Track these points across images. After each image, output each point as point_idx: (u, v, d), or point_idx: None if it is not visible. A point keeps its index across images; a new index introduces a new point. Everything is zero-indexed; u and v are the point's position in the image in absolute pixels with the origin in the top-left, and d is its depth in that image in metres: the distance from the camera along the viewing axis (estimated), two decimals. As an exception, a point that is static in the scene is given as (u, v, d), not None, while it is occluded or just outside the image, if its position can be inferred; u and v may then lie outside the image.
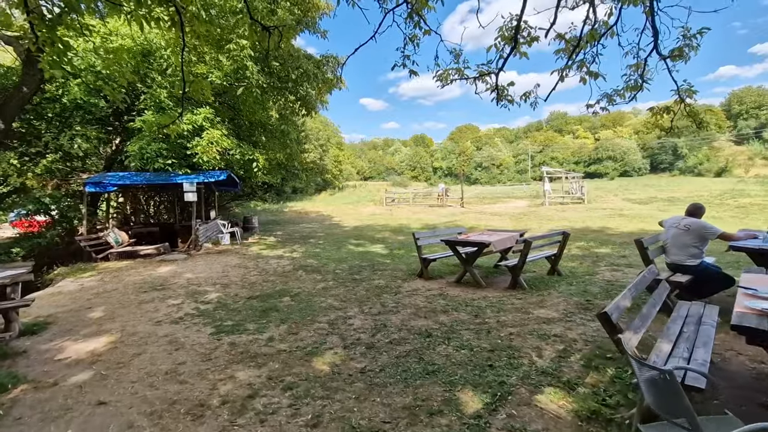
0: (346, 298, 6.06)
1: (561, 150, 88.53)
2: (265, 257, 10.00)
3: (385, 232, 14.76)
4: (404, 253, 10.24)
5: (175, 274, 8.11)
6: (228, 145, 10.60)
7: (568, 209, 21.42)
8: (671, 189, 35.68)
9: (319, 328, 4.78)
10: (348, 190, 53.18)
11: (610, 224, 13.97)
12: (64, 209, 10.51)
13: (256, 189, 17.96)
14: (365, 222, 18.97)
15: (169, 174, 11.00)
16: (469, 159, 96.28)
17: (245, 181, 13.90)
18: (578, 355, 3.60)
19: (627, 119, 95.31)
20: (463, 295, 6.10)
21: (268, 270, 8.38)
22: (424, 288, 6.61)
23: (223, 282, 7.30)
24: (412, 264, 8.65)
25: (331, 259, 9.54)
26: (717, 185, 36.24)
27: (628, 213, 17.72)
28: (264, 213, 23.94)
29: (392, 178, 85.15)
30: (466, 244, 6.71)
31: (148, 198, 16.90)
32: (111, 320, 5.15)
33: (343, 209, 27.47)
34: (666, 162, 78.44)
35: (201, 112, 10.30)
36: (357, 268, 8.28)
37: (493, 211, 23.13)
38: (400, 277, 7.40)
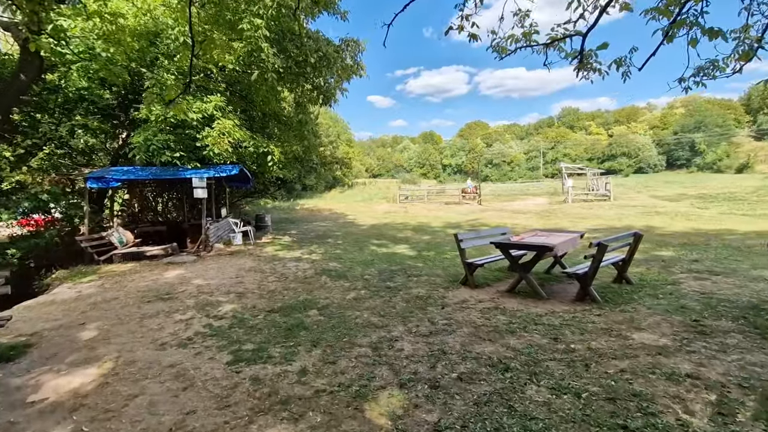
0: (384, 312, 5.08)
1: (573, 146, 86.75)
2: (282, 259, 9.07)
3: (406, 231, 13.78)
4: (434, 255, 9.25)
5: (183, 280, 7.21)
6: (241, 136, 9.68)
7: (594, 206, 20.25)
8: (696, 185, 34.21)
9: (360, 355, 3.82)
10: (358, 187, 52.20)
11: (653, 223, 12.84)
12: (64, 207, 9.68)
13: (269, 185, 17.05)
14: (382, 220, 18.01)
15: (177, 168, 10.11)
16: (479, 156, 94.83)
17: (258, 176, 13.03)
18: (746, 411, 2.58)
19: (641, 114, 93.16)
20: (524, 308, 5.09)
21: (287, 275, 7.44)
22: (474, 299, 5.62)
23: (238, 290, 6.37)
24: (449, 268, 7.66)
25: (356, 261, 8.58)
26: (745, 182, 34.67)
27: (664, 210, 16.52)
28: (275, 211, 23.07)
29: (401, 175, 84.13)
30: (522, 247, 5.70)
31: (156, 195, 16.10)
32: (105, 342, 4.23)
33: (355, 207, 26.54)
34: (683, 158, 76.36)
35: (212, 99, 9.38)
36: (388, 273, 7.31)
37: (513, 208, 22.04)
38: (441, 285, 6.42)
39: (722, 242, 9.01)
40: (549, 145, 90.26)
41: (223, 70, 11.13)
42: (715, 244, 8.80)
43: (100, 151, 13.79)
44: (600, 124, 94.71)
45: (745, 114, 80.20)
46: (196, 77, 9.99)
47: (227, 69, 10.73)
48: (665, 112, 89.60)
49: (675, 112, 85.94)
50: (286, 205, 26.06)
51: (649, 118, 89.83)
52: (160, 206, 16.57)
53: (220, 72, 11.07)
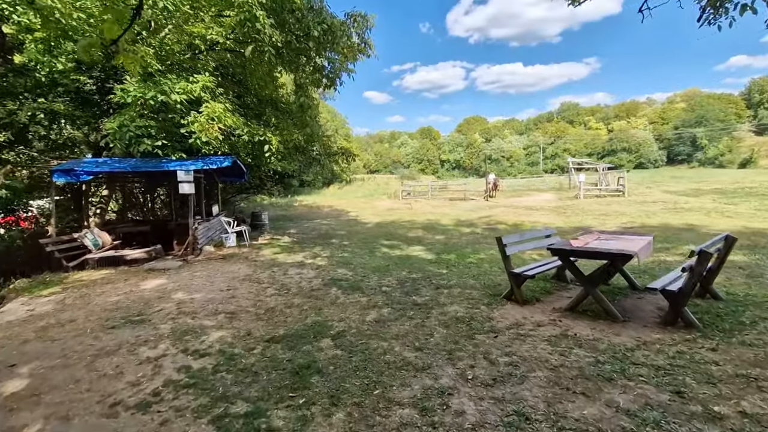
0: (421, 344, 3.86)
1: (573, 141, 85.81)
2: (282, 265, 7.82)
3: (416, 230, 12.55)
4: (456, 259, 8.03)
5: (163, 293, 5.94)
6: (233, 122, 8.38)
7: (612, 202, 19.10)
8: (706, 180, 33.19)
9: (405, 422, 2.60)
10: (357, 183, 51.08)
11: (690, 220, 11.68)
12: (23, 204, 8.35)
13: (266, 180, 15.73)
14: (387, 218, 16.77)
15: (160, 160, 8.81)
16: (478, 151, 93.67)
17: (253, 170, 11.73)
18: None
19: (641, 109, 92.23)
20: (603, 337, 3.89)
21: (289, 286, 6.19)
22: (529, 321, 4.40)
23: (229, 308, 5.11)
24: (481, 277, 6.45)
25: (369, 267, 7.34)
26: (757, 176, 33.72)
27: (689, 206, 15.37)
28: (273, 208, 21.75)
29: (400, 171, 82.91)
30: (591, 255, 4.48)
31: (146, 191, 14.77)
32: (33, 399, 2.97)
33: (356, 203, 25.29)
34: (684, 153, 75.65)
35: (199, 79, 8.06)
36: (410, 284, 6.08)
37: (524, 204, 20.85)
38: (480, 300, 5.20)
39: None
40: (548, 140, 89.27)
41: (213, 49, 9.81)
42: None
43: (82, 144, 12.42)
44: (600, 119, 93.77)
45: (745, 108, 79.46)
46: (180, 54, 8.67)
47: (218, 46, 9.40)
48: (665, 107, 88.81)
49: (675, 107, 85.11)
50: (284, 202, 24.75)
51: (649, 113, 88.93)
52: (152, 204, 15.31)
53: (209, 51, 9.74)
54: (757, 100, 78.21)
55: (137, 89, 7.58)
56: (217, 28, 8.15)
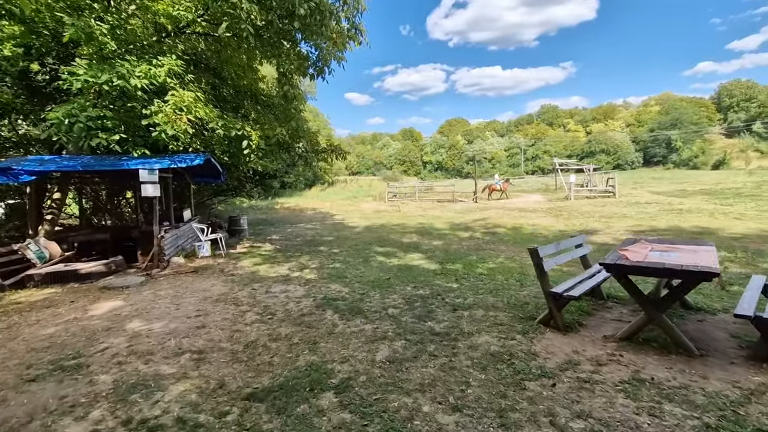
0: (457, 399, 2.86)
1: (553, 143, 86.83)
2: (265, 280, 6.70)
3: (410, 235, 11.58)
4: (464, 269, 7.10)
5: (114, 322, 4.76)
6: (205, 114, 7.21)
7: (606, 203, 18.62)
8: (687, 181, 33.56)
9: None
10: (339, 185, 49.97)
11: (700, 222, 11.11)
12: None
13: (245, 181, 14.44)
14: (375, 221, 15.75)
15: (120, 157, 7.56)
16: (460, 152, 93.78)
17: (231, 169, 10.52)
18: None
19: (618, 112, 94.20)
20: (689, 381, 3.00)
21: (273, 309, 5.10)
22: (582, 356, 3.48)
23: (197, 344, 4.00)
24: (500, 292, 5.52)
25: (367, 281, 6.31)
26: (733, 177, 34.34)
27: (687, 207, 14.94)
28: (252, 211, 20.40)
29: (383, 172, 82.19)
30: (658, 271, 3.58)
31: (111, 193, 13.28)
32: None
33: (341, 205, 24.18)
34: (659, 155, 77.40)
35: (164, 62, 6.87)
36: (420, 304, 5.08)
37: (516, 206, 20.19)
38: (510, 325, 4.25)
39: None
40: (529, 142, 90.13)
41: (182, 32, 8.59)
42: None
43: (37, 143, 10.91)
44: (578, 121, 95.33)
45: (716, 112, 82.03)
46: (143, 36, 7.45)
47: (188, 29, 8.21)
48: (641, 110, 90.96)
49: (650, 110, 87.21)
50: (264, 205, 23.40)
51: (626, 116, 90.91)
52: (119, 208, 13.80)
53: (179, 35, 8.53)
54: (726, 104, 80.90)
55: (88, 72, 6.34)
56: (186, 2, 6.98)
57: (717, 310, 4.55)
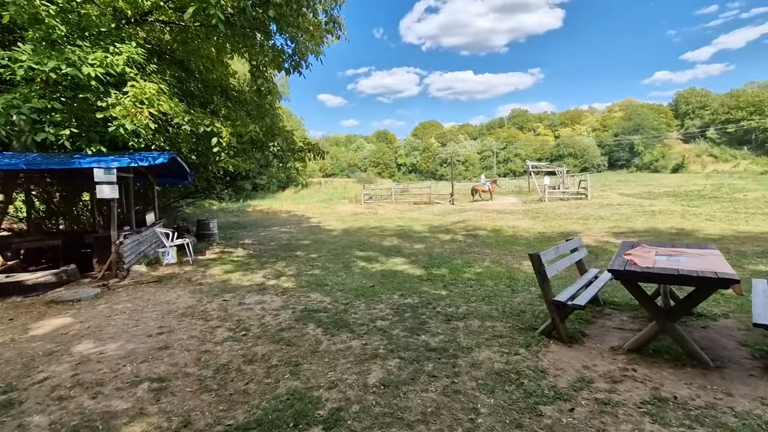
0: (467, 431, 2.48)
1: (524, 146, 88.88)
2: (237, 289, 6.12)
3: (390, 238, 11.20)
4: (450, 274, 6.77)
5: (59, 343, 4.11)
6: (170, 108, 6.57)
7: (579, 205, 18.90)
8: (652, 183, 34.91)
9: None
10: (314, 187, 49.15)
11: (673, 224, 11.29)
12: None
13: (215, 182, 13.61)
14: (352, 224, 15.29)
15: (71, 155, 6.78)
16: (434, 155, 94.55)
17: (199, 169, 9.79)
18: None
19: (584, 117, 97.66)
20: (714, 400, 2.75)
21: (248, 323, 4.57)
22: (593, 372, 3.19)
23: (158, 370, 3.44)
24: (491, 299, 5.23)
25: (350, 289, 5.86)
26: (696, 179, 36.01)
27: (659, 209, 15.31)
28: (223, 214, 19.43)
29: (357, 174, 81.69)
30: (671, 278, 3.33)
31: (67, 195, 12.18)
32: None
33: (317, 208, 23.52)
34: (623, 159, 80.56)
35: (123, 49, 6.19)
36: (411, 314, 4.69)
37: (492, 208, 20.20)
38: (510, 336, 3.93)
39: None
40: (501, 145, 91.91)
41: (145, 20, 7.88)
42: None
43: None
44: (547, 125, 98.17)
45: (674, 118, 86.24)
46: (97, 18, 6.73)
47: (151, 16, 7.53)
48: (605, 116, 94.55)
49: (614, 116, 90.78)
50: (236, 207, 22.42)
51: (591, 121, 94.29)
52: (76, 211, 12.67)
53: (141, 21, 7.82)
54: (683, 111, 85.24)
55: (33, 58, 5.60)
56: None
57: (717, 315, 4.40)
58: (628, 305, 4.88)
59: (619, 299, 5.10)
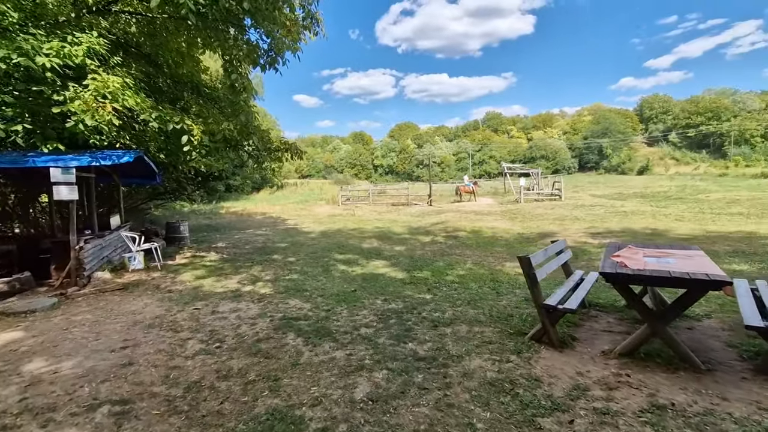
0: (464, 448, 2.31)
1: (498, 148, 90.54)
2: (210, 297, 5.77)
3: (370, 240, 11.00)
4: (433, 277, 6.64)
5: (7, 362, 3.68)
6: (135, 103, 6.14)
7: (555, 206, 19.26)
8: (621, 185, 36.07)
9: None
10: (289, 188, 48.37)
11: (646, 224, 11.59)
12: None
13: (185, 183, 13.00)
14: (330, 225, 15.00)
15: (24, 153, 6.24)
16: (411, 156, 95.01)
17: (169, 169, 9.27)
18: None
19: (555, 121, 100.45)
20: (711, 405, 2.69)
21: (222, 334, 4.26)
22: (587, 378, 3.10)
23: (120, 392, 3.11)
24: (477, 302, 5.12)
25: (330, 295, 5.62)
26: (661, 181, 37.51)
27: (630, 210, 15.76)
28: (195, 216, 18.68)
29: (334, 175, 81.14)
30: (664, 280, 3.28)
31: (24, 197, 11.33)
32: None
33: (292, 209, 23.02)
34: (592, 161, 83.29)
35: (82, 39, 5.73)
36: (396, 320, 4.50)
37: (470, 209, 20.33)
38: (500, 342, 3.80)
39: None
40: (476, 147, 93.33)
41: (108, 10, 7.38)
42: None
43: None
44: (520, 128, 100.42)
45: (638, 123, 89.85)
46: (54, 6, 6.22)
47: (115, 6, 7.05)
48: (575, 119, 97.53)
49: (583, 119, 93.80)
50: (208, 209, 21.63)
51: (562, 124, 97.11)
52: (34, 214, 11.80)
53: (104, 11, 7.31)
54: (647, 115, 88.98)
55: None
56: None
57: (700, 315, 4.42)
58: (613, 306, 4.86)
59: (603, 300, 5.08)
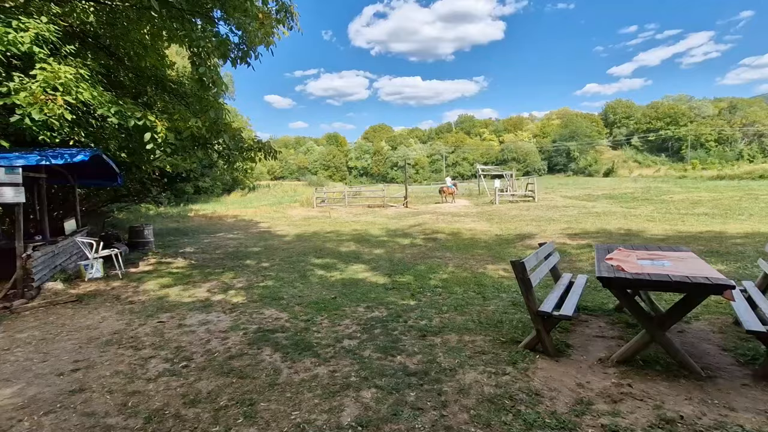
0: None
1: (471, 151, 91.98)
2: (177, 308, 5.29)
3: (347, 243, 10.67)
4: (416, 282, 6.40)
5: (-70, 392, 3.15)
6: (91, 96, 5.59)
7: (529, 207, 19.50)
8: (589, 187, 37.16)
9: None
10: (262, 190, 47.28)
11: (620, 225, 11.80)
12: None
13: (150, 184, 12.21)
14: (306, 228, 14.55)
15: (-39, 150, 5.56)
16: (385, 158, 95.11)
17: (132, 170, 8.60)
18: None
19: (525, 124, 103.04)
20: (721, 417, 2.56)
21: (189, 351, 3.85)
22: (589, 390, 2.93)
23: (67, 425, 2.67)
24: (464, 308, 4.92)
25: (309, 303, 5.27)
26: (628, 183, 38.96)
27: (602, 211, 16.13)
28: (161, 219, 17.72)
29: (308, 177, 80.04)
30: (664, 285, 3.14)
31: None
32: None
33: (265, 212, 22.32)
34: (561, 164, 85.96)
35: (30, 25, 5.14)
36: (381, 330, 4.22)
37: (446, 210, 20.32)
38: (493, 353, 3.59)
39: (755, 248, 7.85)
40: (449, 149, 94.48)
41: None
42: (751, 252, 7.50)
43: None
44: (492, 131, 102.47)
45: (604, 127, 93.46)
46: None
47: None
48: (544, 123, 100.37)
49: (552, 123, 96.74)
50: (176, 212, 20.61)
51: (532, 128, 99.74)
52: None
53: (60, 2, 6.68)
54: (611, 120, 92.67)
55: None
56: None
57: (689, 318, 4.36)
58: (601, 310, 4.77)
59: (591, 303, 4.99)
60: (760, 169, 37.30)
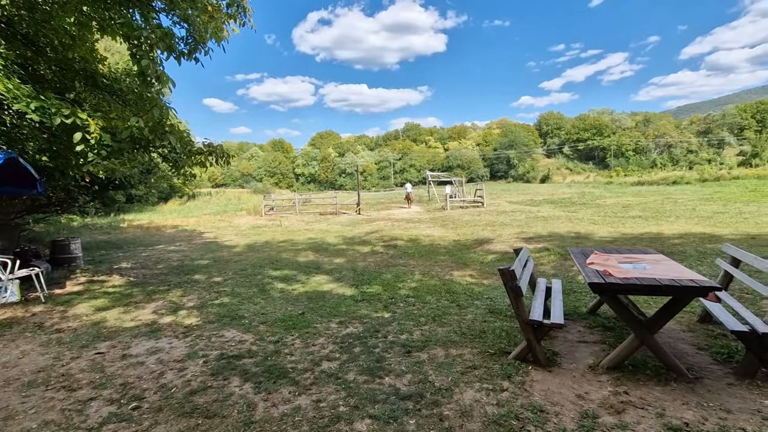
0: None
1: (418, 158, 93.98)
2: (118, 335, 4.56)
3: (305, 253, 10.16)
4: (385, 292, 6.15)
5: None
6: (4, 89, 4.71)
7: (480, 213, 20.07)
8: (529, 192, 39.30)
9: None
10: (203, 198, 44.70)
11: (568, 229, 12.40)
12: None
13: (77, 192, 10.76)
14: (256, 238, 13.76)
15: None
16: (333, 165, 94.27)
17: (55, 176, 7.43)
18: None
19: (468, 132, 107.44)
20: (722, 421, 2.56)
21: (138, 389, 3.26)
22: (589, 400, 2.84)
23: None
24: (442, 318, 4.76)
25: (275, 321, 4.79)
26: (563, 189, 41.70)
27: (548, 215, 16.98)
28: (89, 232, 15.83)
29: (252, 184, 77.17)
30: (652, 289, 3.15)
31: None
32: None
33: (210, 221, 20.93)
34: (502, 170, 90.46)
35: None
36: (361, 348, 3.89)
37: (400, 217, 20.32)
38: (484, 366, 3.42)
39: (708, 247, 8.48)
40: (397, 156, 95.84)
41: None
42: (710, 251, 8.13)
43: None
44: (437, 139, 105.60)
45: (538, 137, 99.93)
46: None
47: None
48: (486, 132, 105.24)
49: (493, 132, 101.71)
50: (106, 223, 18.58)
51: (475, 136, 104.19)
52: None
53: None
54: (545, 130, 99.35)
55: None
56: None
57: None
58: (576, 313, 4.81)
59: (566, 307, 5.02)
60: (672, 176, 41.69)
